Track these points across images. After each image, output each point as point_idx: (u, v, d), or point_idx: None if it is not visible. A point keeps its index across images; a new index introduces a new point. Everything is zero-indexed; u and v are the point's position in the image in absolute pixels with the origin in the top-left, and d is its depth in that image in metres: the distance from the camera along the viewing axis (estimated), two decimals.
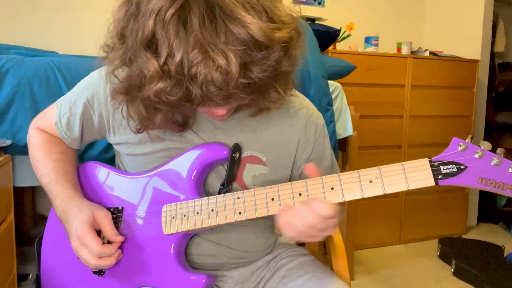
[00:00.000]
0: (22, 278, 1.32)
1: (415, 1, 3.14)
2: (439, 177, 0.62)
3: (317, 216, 0.63)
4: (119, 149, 0.85)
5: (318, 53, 1.73)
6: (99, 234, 0.76)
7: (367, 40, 2.59)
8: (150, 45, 0.56)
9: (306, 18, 2.25)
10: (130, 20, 0.59)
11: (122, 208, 0.81)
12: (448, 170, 0.62)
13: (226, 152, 0.77)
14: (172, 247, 0.76)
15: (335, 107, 1.73)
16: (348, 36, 2.60)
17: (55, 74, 1.22)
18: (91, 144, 1.21)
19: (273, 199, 0.69)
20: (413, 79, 2.50)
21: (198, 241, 0.82)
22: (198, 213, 0.74)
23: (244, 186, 0.81)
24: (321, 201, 0.64)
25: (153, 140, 0.79)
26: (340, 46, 2.62)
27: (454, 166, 0.61)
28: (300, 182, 0.68)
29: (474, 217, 2.96)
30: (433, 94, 2.58)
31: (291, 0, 2.72)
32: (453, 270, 2.17)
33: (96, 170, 0.87)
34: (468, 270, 2.09)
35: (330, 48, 2.27)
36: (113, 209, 0.81)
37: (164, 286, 0.77)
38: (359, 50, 2.57)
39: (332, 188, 0.66)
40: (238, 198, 0.71)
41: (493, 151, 0.61)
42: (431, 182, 0.62)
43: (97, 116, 0.82)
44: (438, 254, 2.38)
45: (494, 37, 3.22)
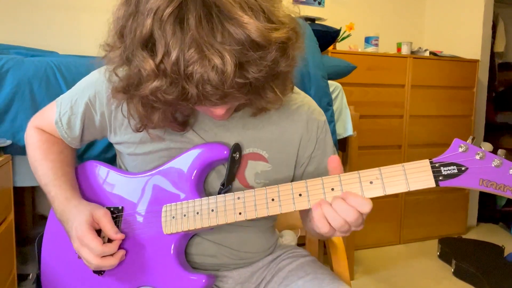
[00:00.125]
0: (22, 278, 1.33)
1: (415, 1, 3.14)
2: (440, 178, 0.61)
3: (357, 212, 0.62)
4: (120, 148, 0.85)
5: (318, 53, 1.73)
6: (100, 233, 0.76)
7: (367, 40, 2.59)
8: (147, 44, 0.56)
9: (306, 18, 2.25)
10: (129, 19, 0.59)
11: (122, 207, 0.81)
12: (448, 172, 0.61)
13: (226, 152, 0.76)
14: (172, 247, 0.76)
15: (335, 107, 1.73)
16: (348, 36, 2.60)
17: (55, 74, 1.22)
18: (91, 144, 1.22)
19: (273, 200, 0.69)
20: (413, 79, 2.50)
21: (199, 241, 0.82)
22: (198, 213, 0.73)
23: (246, 184, 0.80)
24: (360, 196, 0.63)
25: (153, 139, 0.79)
26: (340, 46, 2.62)
27: (454, 167, 0.61)
28: (300, 182, 0.68)
29: (474, 217, 2.96)
30: (433, 94, 2.58)
31: (291, 0, 2.72)
32: (453, 270, 2.17)
33: (96, 170, 0.87)
34: (468, 270, 2.09)
35: (330, 48, 2.27)
36: (113, 208, 0.81)
37: (164, 286, 0.76)
38: (359, 50, 2.57)
39: (332, 189, 0.66)
40: (238, 199, 0.71)
41: (494, 152, 0.61)
42: (432, 184, 0.62)
43: (99, 115, 0.82)
44: (438, 254, 2.38)
45: (494, 37, 3.22)
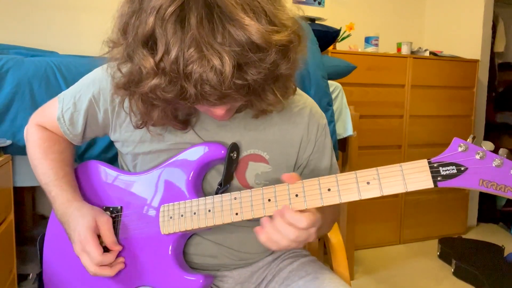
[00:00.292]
0: (22, 278, 1.33)
1: (415, 1, 3.14)
2: (438, 179, 0.60)
3: (297, 229, 0.63)
4: (119, 146, 0.85)
5: (318, 53, 1.73)
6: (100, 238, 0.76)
7: (367, 40, 2.59)
8: (148, 42, 0.57)
9: (306, 18, 2.25)
10: (132, 16, 0.59)
11: (121, 207, 0.81)
12: (447, 172, 0.60)
13: (223, 151, 0.76)
14: (170, 247, 0.76)
15: (335, 107, 1.73)
16: (348, 36, 2.59)
17: (55, 74, 1.22)
18: (91, 143, 1.22)
19: (269, 200, 0.68)
20: (413, 79, 2.50)
21: (199, 241, 0.82)
22: (195, 213, 0.73)
23: (246, 185, 0.80)
24: (295, 213, 0.63)
25: (153, 138, 0.79)
26: (340, 46, 2.62)
27: (454, 167, 0.59)
28: (297, 183, 0.68)
29: (474, 217, 2.96)
30: (433, 94, 2.57)
31: (292, 0, 2.72)
32: (453, 270, 2.17)
33: (96, 169, 0.87)
34: (468, 270, 2.09)
35: (330, 48, 2.27)
36: (112, 208, 0.82)
37: (162, 286, 0.77)
38: (359, 50, 2.56)
39: (329, 189, 0.65)
40: (235, 199, 0.71)
41: (495, 152, 0.59)
42: (430, 184, 0.60)
43: (102, 112, 0.82)
44: (438, 254, 2.38)
45: (494, 37, 3.22)
